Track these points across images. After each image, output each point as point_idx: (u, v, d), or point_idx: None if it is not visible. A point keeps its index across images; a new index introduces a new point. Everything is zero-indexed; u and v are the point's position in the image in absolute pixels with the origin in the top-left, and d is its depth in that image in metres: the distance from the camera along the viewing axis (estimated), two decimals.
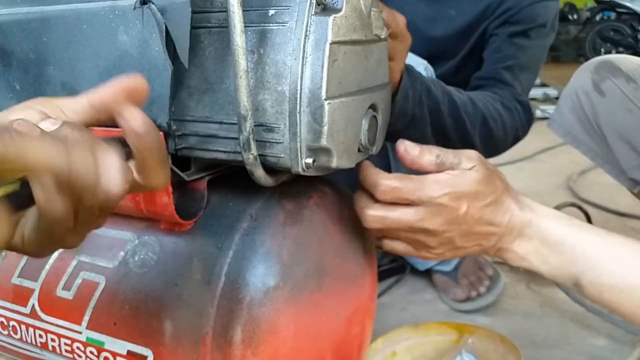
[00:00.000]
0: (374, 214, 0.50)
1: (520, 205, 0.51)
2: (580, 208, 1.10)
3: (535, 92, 3.16)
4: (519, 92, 0.91)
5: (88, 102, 0.36)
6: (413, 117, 0.71)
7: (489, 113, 0.84)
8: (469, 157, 0.50)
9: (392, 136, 0.79)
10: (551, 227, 0.51)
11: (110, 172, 0.29)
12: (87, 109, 0.36)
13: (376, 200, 0.50)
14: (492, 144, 0.87)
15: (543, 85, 3.31)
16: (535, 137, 2.38)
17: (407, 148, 0.50)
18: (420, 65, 0.92)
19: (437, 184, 0.48)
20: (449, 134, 0.80)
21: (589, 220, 1.09)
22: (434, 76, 0.95)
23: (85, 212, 0.30)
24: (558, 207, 1.09)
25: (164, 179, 0.34)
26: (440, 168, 0.49)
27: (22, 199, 0.29)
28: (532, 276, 1.14)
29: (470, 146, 0.86)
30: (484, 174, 0.50)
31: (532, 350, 0.88)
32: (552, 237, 0.50)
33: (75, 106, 0.36)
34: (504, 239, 0.51)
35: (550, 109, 2.90)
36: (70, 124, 0.31)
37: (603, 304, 0.50)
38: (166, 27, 0.44)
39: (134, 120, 0.32)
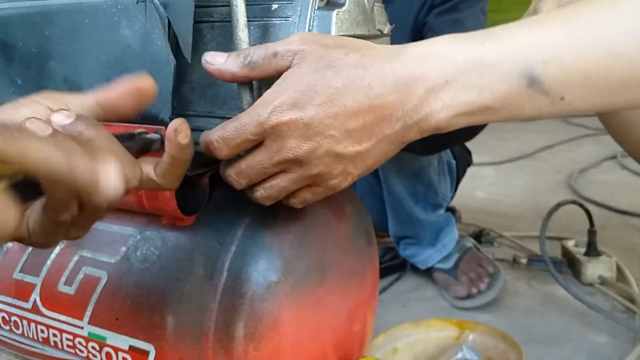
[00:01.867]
0: (229, 172, 0.42)
1: (396, 57, 0.38)
2: (581, 206, 1.10)
3: None
4: None
5: (95, 100, 0.36)
6: None
7: None
8: (287, 48, 0.38)
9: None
10: (462, 46, 0.38)
11: (110, 179, 0.29)
12: (94, 107, 0.36)
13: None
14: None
15: None
16: (536, 135, 2.39)
17: (210, 58, 0.40)
18: None
19: (262, 105, 0.38)
20: None
21: (589, 218, 1.09)
22: None
23: (88, 209, 0.30)
24: (559, 205, 1.09)
25: (176, 184, 0.37)
26: (256, 71, 0.40)
27: (28, 190, 0.29)
28: (532, 273, 1.14)
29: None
30: (312, 58, 0.38)
31: (532, 347, 0.88)
32: (470, 53, 0.37)
33: (82, 103, 0.36)
34: (409, 108, 0.38)
35: None
36: (85, 120, 0.31)
37: (571, 82, 0.37)
38: (169, 21, 0.44)
39: (182, 132, 0.35)
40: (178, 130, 0.35)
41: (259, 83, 0.45)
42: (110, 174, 0.29)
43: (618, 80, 0.37)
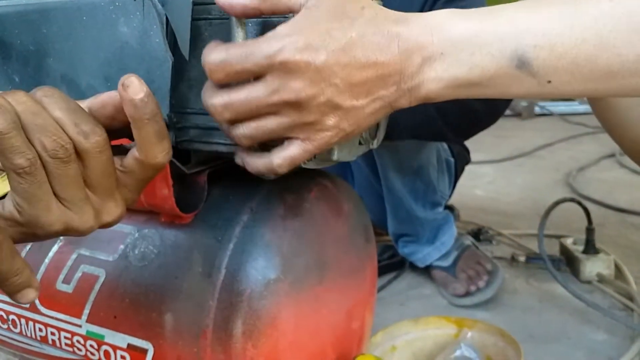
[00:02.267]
0: (215, 102, 0.39)
1: (404, 22, 0.39)
2: (579, 203, 1.10)
3: None
4: None
5: (88, 106, 0.36)
6: None
7: None
8: None
9: (394, 129, 0.78)
10: (460, 21, 0.39)
11: None
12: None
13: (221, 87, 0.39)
14: (491, 103, 0.86)
15: None
16: (535, 134, 2.39)
17: None
18: None
19: (273, 38, 0.37)
20: (449, 107, 0.79)
21: (588, 216, 1.09)
22: None
23: (48, 161, 0.31)
24: (557, 203, 1.09)
25: (163, 153, 0.34)
26: (267, 4, 0.38)
27: None
28: (531, 271, 1.14)
29: (474, 114, 0.84)
30: (330, 4, 0.38)
31: (531, 345, 0.88)
32: (466, 30, 0.38)
33: None
34: (406, 73, 0.38)
35: (549, 105, 2.90)
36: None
37: (559, 67, 0.38)
38: (167, 18, 0.43)
39: (132, 87, 0.32)
40: (125, 84, 0.33)
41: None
42: (26, 296, 0.33)
43: (605, 70, 0.38)
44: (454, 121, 0.84)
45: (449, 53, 0.38)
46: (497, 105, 0.89)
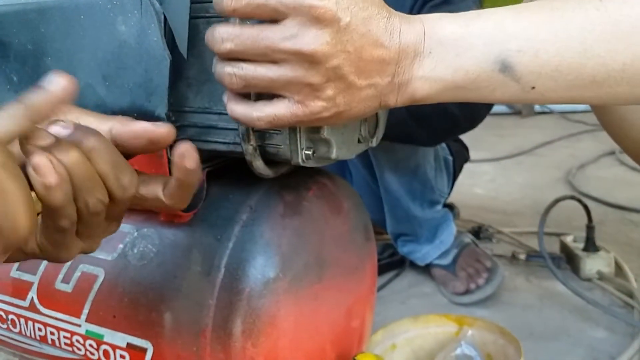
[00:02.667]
0: (222, 30, 0.36)
1: (406, 19, 0.39)
2: (579, 201, 1.10)
3: None
4: None
5: (109, 128, 0.36)
6: None
7: None
8: None
9: None
10: (448, 23, 0.39)
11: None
12: (106, 134, 0.36)
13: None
14: (470, 108, 0.88)
15: None
16: (534, 131, 2.39)
17: None
18: None
19: None
20: (426, 112, 0.81)
21: (588, 213, 1.09)
22: None
23: (85, 216, 0.32)
24: (557, 201, 1.09)
25: (187, 204, 0.37)
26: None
27: None
28: (531, 269, 1.14)
29: (452, 118, 0.86)
30: None
31: (531, 342, 0.88)
32: (453, 32, 0.38)
33: (98, 126, 0.36)
34: (401, 66, 0.38)
35: None
36: (84, 130, 0.32)
37: (542, 74, 0.38)
38: (165, 16, 0.43)
39: (189, 158, 0.34)
40: (184, 155, 0.34)
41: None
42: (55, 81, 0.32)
43: (590, 79, 0.38)
44: (430, 125, 0.85)
45: (437, 53, 0.39)
46: (477, 110, 0.90)
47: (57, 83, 0.31)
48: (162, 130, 0.35)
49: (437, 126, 0.87)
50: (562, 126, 2.48)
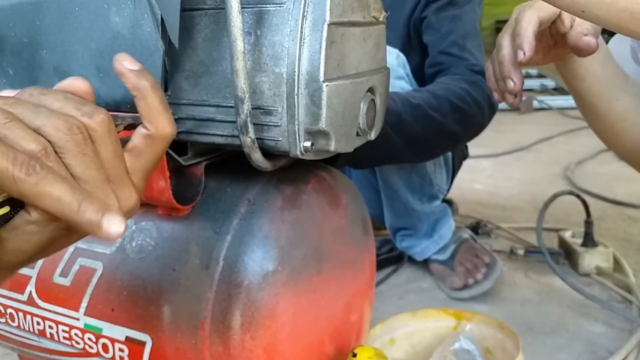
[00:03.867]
0: None
1: None
2: (578, 196, 1.10)
3: (533, 83, 3.15)
4: (474, 62, 0.92)
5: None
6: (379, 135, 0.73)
7: (455, 96, 0.85)
8: None
9: (359, 163, 0.80)
10: None
11: (112, 227, 0.29)
12: None
13: None
14: (470, 122, 0.88)
15: (540, 76, 3.30)
16: (533, 128, 2.39)
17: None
18: (392, 53, 0.92)
19: None
20: (423, 136, 0.82)
21: (586, 208, 1.09)
22: (406, 64, 0.96)
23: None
24: (555, 196, 1.09)
25: (171, 123, 0.34)
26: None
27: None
28: (530, 264, 1.14)
29: (452, 136, 0.88)
30: None
31: (529, 337, 0.88)
32: None
33: None
34: None
35: (547, 99, 2.90)
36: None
37: None
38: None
39: (129, 59, 0.33)
40: (121, 59, 0.33)
41: (253, 70, 0.44)
42: (114, 222, 0.29)
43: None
44: (431, 144, 0.88)
45: None
46: (476, 122, 0.91)
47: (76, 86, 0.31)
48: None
49: (437, 144, 0.89)
50: (561, 122, 2.48)
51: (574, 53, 0.57)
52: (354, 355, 0.54)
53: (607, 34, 0.58)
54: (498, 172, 1.86)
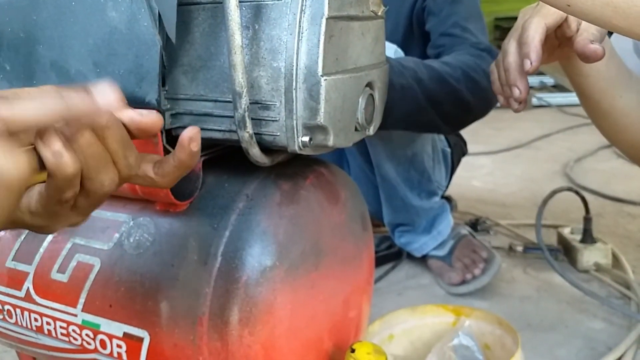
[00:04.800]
0: None
1: None
2: (576, 193, 1.10)
3: (532, 81, 3.15)
4: (476, 40, 0.90)
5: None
6: (402, 88, 0.70)
7: (466, 65, 0.83)
8: None
9: (387, 115, 0.79)
10: None
11: (106, 95, 0.30)
12: None
13: None
14: (482, 95, 0.86)
15: (539, 73, 3.30)
16: (532, 125, 2.39)
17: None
18: (390, 49, 0.92)
19: None
20: (440, 97, 0.79)
21: (585, 204, 1.09)
22: None
23: (93, 177, 0.31)
24: (554, 192, 1.09)
25: (173, 184, 0.37)
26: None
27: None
28: (529, 261, 1.14)
29: (466, 105, 0.86)
30: None
31: (528, 333, 0.88)
32: None
33: None
34: None
35: (546, 97, 2.90)
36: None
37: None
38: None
39: (195, 140, 0.34)
40: (192, 139, 0.35)
41: (250, 64, 0.44)
42: (105, 90, 0.30)
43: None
44: (446, 112, 0.85)
45: None
46: (488, 97, 0.89)
47: (106, 95, 0.31)
48: (148, 120, 0.34)
49: (453, 113, 0.87)
50: (560, 119, 2.48)
51: (580, 59, 0.57)
52: (353, 350, 0.53)
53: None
54: (497, 169, 1.86)
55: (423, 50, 1.00)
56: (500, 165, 1.90)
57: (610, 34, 0.78)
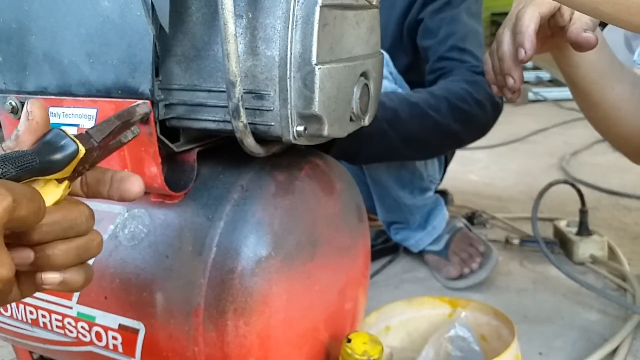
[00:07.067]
0: None
1: None
2: (573, 185, 1.10)
3: (528, 75, 3.15)
4: (475, 63, 0.91)
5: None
6: (374, 133, 0.71)
7: (454, 96, 0.85)
8: None
9: (355, 157, 0.80)
10: None
11: None
12: None
13: None
14: (472, 123, 0.87)
15: (535, 68, 3.30)
16: (529, 119, 2.39)
17: None
18: None
19: None
20: (420, 134, 0.82)
21: (581, 197, 1.09)
22: (389, 62, 0.95)
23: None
24: (550, 185, 1.09)
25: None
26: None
27: None
28: (525, 254, 1.14)
29: (453, 135, 0.87)
30: None
31: (525, 325, 0.89)
32: None
33: None
34: None
35: (543, 91, 2.90)
36: None
37: None
38: None
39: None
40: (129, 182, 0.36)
41: (244, 53, 0.44)
42: None
43: None
44: (434, 144, 0.88)
45: None
46: (480, 122, 0.91)
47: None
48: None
49: (439, 143, 0.89)
50: (556, 114, 2.49)
51: (573, 48, 0.57)
52: (349, 340, 0.54)
53: (601, 23, 0.58)
54: (493, 163, 1.86)
55: (412, 58, 1.00)
56: (496, 159, 1.91)
57: (602, 27, 0.78)
